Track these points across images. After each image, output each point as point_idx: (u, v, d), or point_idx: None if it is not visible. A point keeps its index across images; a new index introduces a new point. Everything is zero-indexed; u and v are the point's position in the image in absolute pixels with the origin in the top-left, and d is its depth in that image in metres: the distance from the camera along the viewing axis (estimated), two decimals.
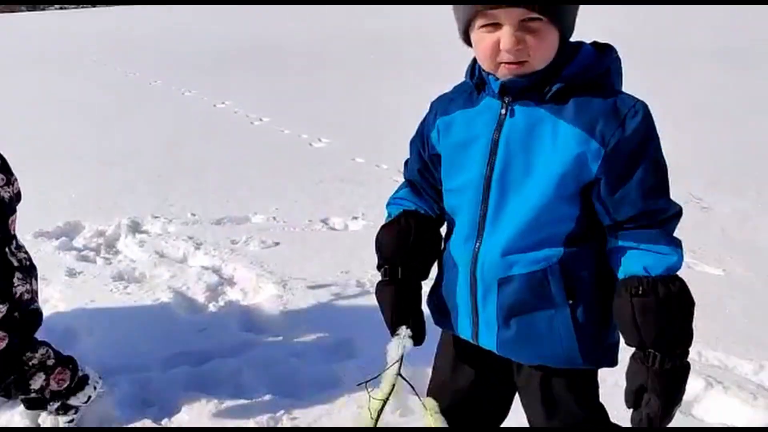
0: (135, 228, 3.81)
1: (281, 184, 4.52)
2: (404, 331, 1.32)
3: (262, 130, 6.24)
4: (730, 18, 14.05)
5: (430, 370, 1.48)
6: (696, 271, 3.00)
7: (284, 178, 4.65)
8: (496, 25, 1.09)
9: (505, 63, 1.11)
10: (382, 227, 1.38)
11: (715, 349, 2.39)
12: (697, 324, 2.51)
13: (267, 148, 5.51)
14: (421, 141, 1.35)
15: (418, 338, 1.34)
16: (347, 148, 5.37)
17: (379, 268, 1.38)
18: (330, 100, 7.19)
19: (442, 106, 1.30)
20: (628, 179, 1.13)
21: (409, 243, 1.32)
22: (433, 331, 1.42)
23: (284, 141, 5.76)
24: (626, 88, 1.22)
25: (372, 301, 2.78)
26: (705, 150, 4.88)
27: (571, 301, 1.19)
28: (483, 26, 1.11)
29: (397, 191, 1.41)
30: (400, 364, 1.29)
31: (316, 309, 2.80)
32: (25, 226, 3.88)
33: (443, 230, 1.39)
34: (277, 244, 3.49)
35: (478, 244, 1.23)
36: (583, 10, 1.18)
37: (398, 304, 1.34)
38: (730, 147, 4.94)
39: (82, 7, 42.75)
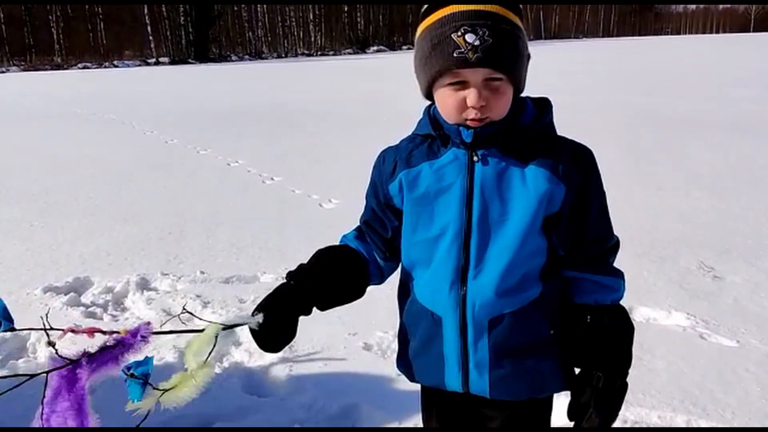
0: (144, 285, 3.81)
1: (291, 243, 4.53)
2: (259, 315, 1.25)
3: (273, 190, 6.31)
4: (747, 88, 14.27)
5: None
6: (709, 342, 2.95)
7: (294, 238, 4.67)
8: (463, 83, 1.20)
9: (470, 119, 1.22)
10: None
11: (731, 425, 2.32)
12: (713, 396, 2.45)
13: (278, 208, 5.56)
14: (374, 192, 1.41)
15: (266, 338, 1.28)
16: (357, 209, 5.38)
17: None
18: (340, 161, 7.29)
19: (402, 157, 1.34)
20: (583, 212, 1.28)
21: (327, 262, 1.35)
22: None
23: (295, 201, 5.81)
24: (642, 150, 1.27)
25: (381, 365, 2.74)
26: (716, 218, 4.87)
27: (552, 332, 1.29)
28: (450, 84, 1.21)
29: (347, 232, 1.49)
30: (230, 326, 1.22)
31: (322, 372, 2.76)
32: (35, 280, 3.91)
33: (390, 283, 1.43)
34: None
35: (464, 288, 1.27)
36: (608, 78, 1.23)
37: (272, 297, 1.30)
38: (742, 215, 4.92)
39: (104, 68, 44.12)
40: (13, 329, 1.16)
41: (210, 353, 1.19)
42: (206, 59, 50.91)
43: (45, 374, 1.12)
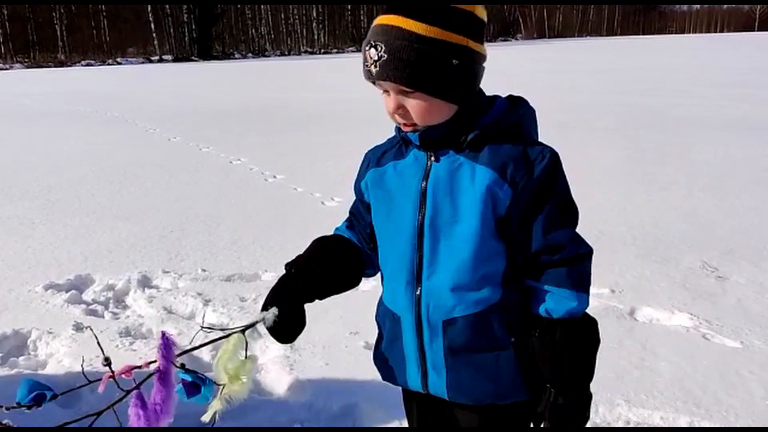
0: (145, 283, 3.80)
1: (293, 241, 4.52)
2: (273, 309, 1.28)
3: (275, 188, 6.30)
4: (750, 87, 14.23)
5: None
6: (713, 343, 2.93)
7: (296, 236, 4.65)
8: (387, 91, 1.25)
9: (401, 124, 1.28)
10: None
11: (735, 426, 2.30)
12: (716, 397, 2.43)
13: (280, 206, 5.55)
14: (356, 189, 1.46)
15: (283, 330, 1.31)
16: None
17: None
18: (342, 160, 7.27)
19: (375, 157, 1.40)
20: (532, 217, 1.23)
21: (323, 251, 1.38)
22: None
23: (297, 199, 5.80)
24: (645, 150, 1.24)
25: None
26: (720, 218, 4.85)
27: (513, 339, 1.27)
28: (383, 91, 1.27)
29: (340, 224, 1.53)
30: (248, 327, 1.25)
31: (323, 371, 2.75)
32: (36, 277, 3.91)
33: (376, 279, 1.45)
34: None
35: (419, 288, 1.29)
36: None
37: (278, 288, 1.34)
38: (746, 215, 4.90)
39: (107, 65, 44.14)
40: (55, 396, 1.16)
41: (246, 357, 1.23)
42: (209, 57, 50.93)
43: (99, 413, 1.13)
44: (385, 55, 1.19)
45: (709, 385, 2.56)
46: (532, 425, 1.34)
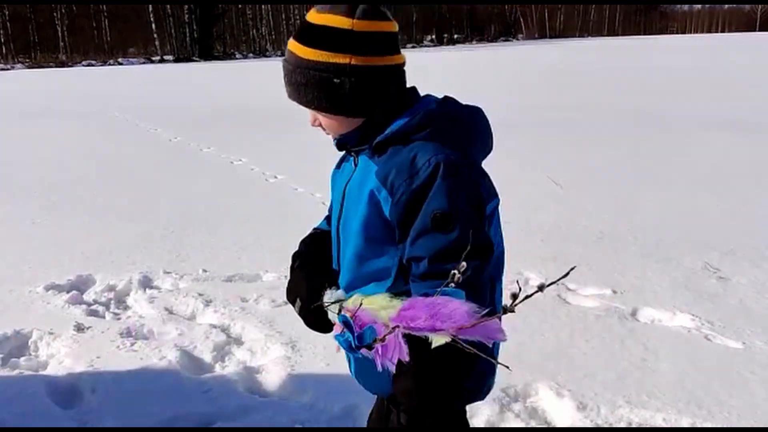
0: (146, 283, 3.80)
1: (294, 242, 4.50)
2: (331, 289, 1.25)
3: (276, 188, 6.30)
4: (752, 87, 14.22)
5: None
6: (715, 344, 2.93)
7: (297, 236, 4.63)
8: None
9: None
10: None
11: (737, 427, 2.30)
12: (718, 398, 2.42)
13: (280, 206, 5.54)
14: None
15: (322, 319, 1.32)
16: None
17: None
18: None
19: (339, 159, 1.49)
20: (407, 226, 1.22)
21: (309, 241, 1.52)
22: None
23: (297, 199, 5.80)
24: (645, 150, 1.22)
25: None
26: (721, 218, 4.84)
27: None
28: None
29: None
30: (333, 303, 1.21)
31: (324, 371, 2.74)
32: (37, 278, 3.91)
33: None
34: (287, 303, 3.45)
35: (340, 281, 1.38)
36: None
37: (314, 277, 1.38)
38: (747, 215, 4.89)
39: (108, 65, 44.15)
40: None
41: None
42: (210, 57, 50.92)
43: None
44: (285, 78, 1.31)
45: (711, 386, 2.56)
46: None
